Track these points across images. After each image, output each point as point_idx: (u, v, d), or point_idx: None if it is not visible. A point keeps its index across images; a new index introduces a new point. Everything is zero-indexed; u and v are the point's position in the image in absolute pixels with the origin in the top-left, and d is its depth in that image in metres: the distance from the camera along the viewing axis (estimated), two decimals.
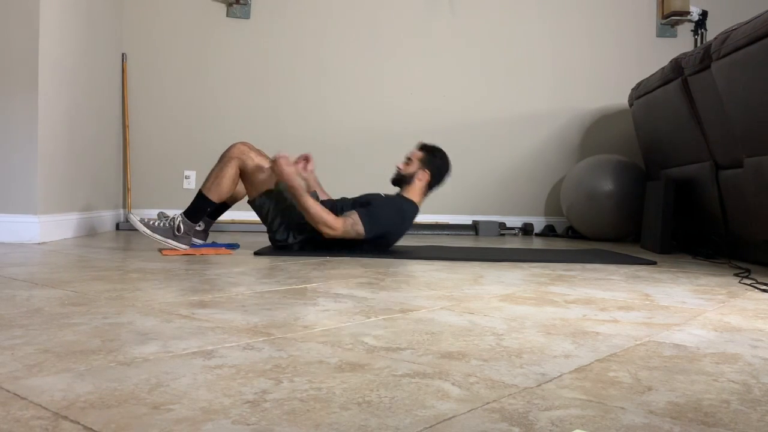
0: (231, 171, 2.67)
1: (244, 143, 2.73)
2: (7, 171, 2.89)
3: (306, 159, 2.83)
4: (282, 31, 4.36)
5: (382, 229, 2.69)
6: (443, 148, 2.84)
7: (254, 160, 2.69)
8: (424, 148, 2.81)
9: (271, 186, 2.70)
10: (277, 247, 2.79)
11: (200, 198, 2.70)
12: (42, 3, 2.90)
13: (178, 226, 2.64)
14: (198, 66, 4.30)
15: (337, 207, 2.75)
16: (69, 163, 3.27)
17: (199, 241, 2.84)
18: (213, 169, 2.72)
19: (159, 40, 4.27)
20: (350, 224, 2.61)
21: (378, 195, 2.84)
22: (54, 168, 3.09)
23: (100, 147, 3.77)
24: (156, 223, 2.66)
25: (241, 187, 2.81)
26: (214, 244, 2.87)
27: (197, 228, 2.77)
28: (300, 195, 2.57)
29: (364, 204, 2.74)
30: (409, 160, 2.80)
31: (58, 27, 3.09)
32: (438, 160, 2.80)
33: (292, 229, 2.73)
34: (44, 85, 2.95)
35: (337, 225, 2.59)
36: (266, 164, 2.70)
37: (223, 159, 2.71)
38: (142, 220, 2.65)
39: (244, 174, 2.70)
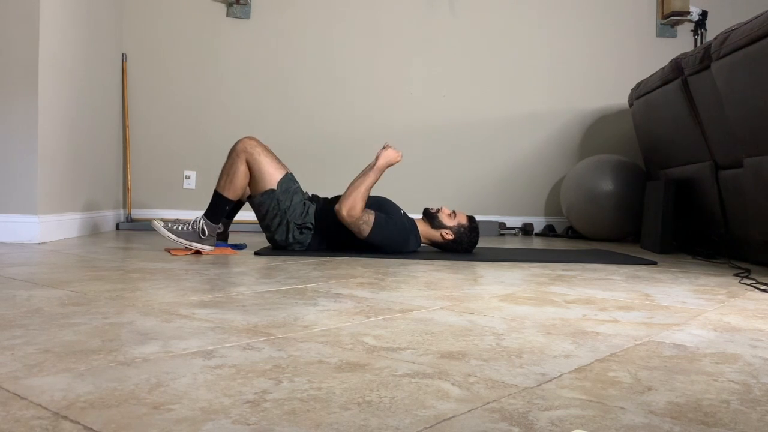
0: (242, 166, 2.67)
1: (251, 138, 2.74)
2: (7, 171, 2.89)
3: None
4: (282, 31, 4.36)
5: (381, 243, 2.71)
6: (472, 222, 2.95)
7: (261, 155, 2.69)
8: (471, 219, 2.92)
9: (273, 185, 2.70)
10: (276, 248, 2.79)
11: (217, 197, 2.70)
12: (42, 3, 2.89)
13: (203, 229, 2.64)
14: (198, 66, 4.30)
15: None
16: (69, 163, 3.27)
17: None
18: (224, 167, 2.72)
19: (159, 40, 4.27)
20: (363, 220, 2.64)
21: (397, 210, 2.84)
22: (54, 168, 3.08)
23: (100, 147, 3.77)
24: (180, 228, 2.65)
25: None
26: (220, 244, 2.86)
27: (218, 230, 2.77)
28: (376, 175, 2.67)
29: (381, 208, 2.76)
30: (453, 214, 2.88)
31: (58, 27, 3.09)
32: (468, 236, 2.87)
33: (292, 230, 2.73)
34: (44, 85, 2.95)
35: (358, 211, 2.62)
36: (272, 161, 2.71)
37: (231, 155, 2.70)
38: (165, 225, 2.64)
39: (249, 169, 2.70)
